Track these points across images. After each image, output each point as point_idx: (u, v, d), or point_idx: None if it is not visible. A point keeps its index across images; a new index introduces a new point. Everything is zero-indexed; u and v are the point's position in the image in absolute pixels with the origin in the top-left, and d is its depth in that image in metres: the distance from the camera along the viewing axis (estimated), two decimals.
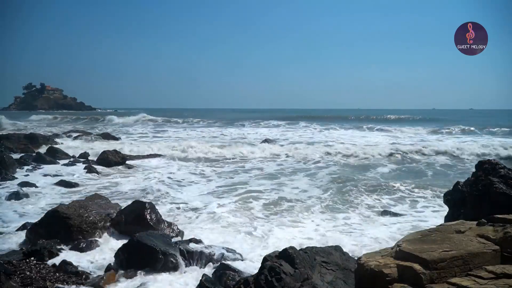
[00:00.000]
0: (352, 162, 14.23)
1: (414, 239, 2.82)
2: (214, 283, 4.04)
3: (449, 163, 14.06)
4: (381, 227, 6.57)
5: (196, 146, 16.84)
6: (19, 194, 8.19)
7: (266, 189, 9.44)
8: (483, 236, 2.73)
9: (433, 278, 2.35)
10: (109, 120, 44.59)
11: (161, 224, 5.93)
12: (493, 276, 2.30)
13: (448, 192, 5.69)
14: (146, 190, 9.13)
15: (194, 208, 7.72)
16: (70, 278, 4.35)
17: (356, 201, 8.29)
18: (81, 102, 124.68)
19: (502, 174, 5.02)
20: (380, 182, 10.38)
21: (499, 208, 4.16)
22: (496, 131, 28.48)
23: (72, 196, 8.42)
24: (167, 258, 4.72)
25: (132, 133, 28.52)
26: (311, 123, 37.95)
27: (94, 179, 10.86)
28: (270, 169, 12.81)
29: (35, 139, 17.98)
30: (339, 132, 28.91)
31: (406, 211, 7.64)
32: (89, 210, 5.85)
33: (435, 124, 36.55)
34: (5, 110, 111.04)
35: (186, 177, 11.17)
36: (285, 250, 3.70)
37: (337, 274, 3.76)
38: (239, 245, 5.49)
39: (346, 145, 18.24)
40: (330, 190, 9.23)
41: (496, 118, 51.85)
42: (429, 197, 8.61)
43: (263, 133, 28.49)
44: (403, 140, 21.93)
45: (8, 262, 4.59)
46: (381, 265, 2.55)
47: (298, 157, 15.12)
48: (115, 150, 13.91)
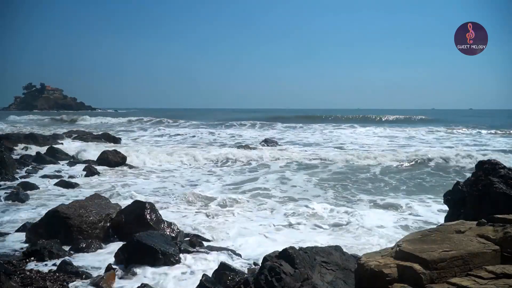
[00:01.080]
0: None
1: (414, 239, 2.82)
2: (214, 283, 4.03)
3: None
4: (381, 227, 6.57)
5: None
6: (19, 194, 8.19)
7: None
8: (483, 236, 2.73)
9: (433, 278, 2.35)
10: (83, 119, 44.30)
11: (161, 224, 5.93)
12: (493, 276, 2.30)
13: (448, 192, 5.69)
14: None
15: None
16: (70, 278, 4.35)
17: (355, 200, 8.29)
18: (81, 102, 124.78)
19: (502, 174, 5.02)
20: (379, 181, 10.38)
21: (499, 208, 4.15)
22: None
23: (72, 196, 8.41)
24: (167, 258, 4.72)
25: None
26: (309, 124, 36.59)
27: (94, 179, 10.86)
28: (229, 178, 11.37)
29: (35, 139, 17.99)
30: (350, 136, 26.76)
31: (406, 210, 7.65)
32: (89, 210, 5.84)
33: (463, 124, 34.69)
34: (5, 110, 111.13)
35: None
36: (285, 250, 3.70)
37: (337, 274, 3.76)
38: (239, 245, 5.49)
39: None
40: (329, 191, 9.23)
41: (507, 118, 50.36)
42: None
43: (243, 135, 27.22)
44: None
45: (8, 262, 4.60)
46: (381, 265, 2.55)
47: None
48: (115, 150, 13.92)
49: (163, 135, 27.21)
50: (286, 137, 25.79)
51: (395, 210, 7.67)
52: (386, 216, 7.25)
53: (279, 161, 14.02)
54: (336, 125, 34.68)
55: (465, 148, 16.75)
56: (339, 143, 21.64)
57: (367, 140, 22.88)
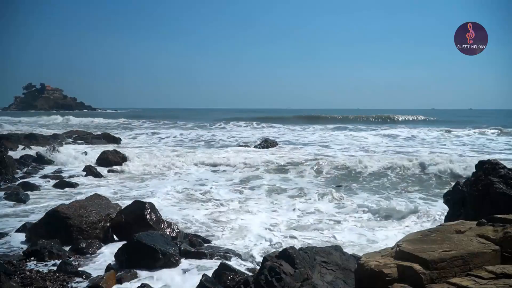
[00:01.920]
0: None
1: (414, 239, 2.82)
2: (214, 283, 4.03)
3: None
4: (381, 228, 6.58)
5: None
6: (19, 194, 8.19)
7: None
8: (483, 236, 2.73)
9: (433, 278, 2.35)
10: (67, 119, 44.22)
11: (161, 224, 5.93)
12: (493, 276, 2.30)
13: (448, 192, 5.69)
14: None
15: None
16: (70, 278, 4.35)
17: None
18: (81, 102, 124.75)
19: (502, 174, 5.02)
20: (378, 182, 10.39)
21: (499, 208, 4.15)
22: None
23: (72, 196, 8.41)
24: (167, 258, 4.72)
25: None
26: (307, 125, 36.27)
27: (94, 179, 10.85)
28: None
29: (35, 139, 17.99)
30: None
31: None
32: (89, 210, 5.84)
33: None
34: (5, 110, 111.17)
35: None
36: (285, 250, 3.70)
37: (337, 274, 3.76)
38: (239, 245, 5.49)
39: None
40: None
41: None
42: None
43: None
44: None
45: (8, 262, 4.60)
46: (381, 265, 2.55)
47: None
48: (115, 150, 13.94)
49: (161, 137, 27.06)
50: (286, 137, 25.78)
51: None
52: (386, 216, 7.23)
53: (276, 163, 13.93)
54: (337, 126, 34.51)
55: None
56: (339, 143, 21.60)
57: (366, 141, 22.76)
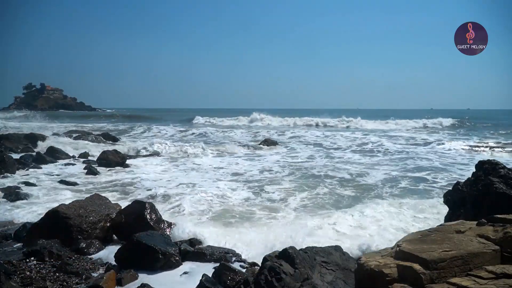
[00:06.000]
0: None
1: (414, 239, 2.82)
2: (214, 283, 4.03)
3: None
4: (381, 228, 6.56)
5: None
6: (19, 194, 8.19)
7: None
8: (483, 236, 2.73)
9: (433, 278, 2.35)
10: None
11: (161, 224, 5.93)
12: (493, 276, 2.30)
13: (448, 192, 5.69)
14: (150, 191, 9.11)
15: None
16: (70, 278, 4.35)
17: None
18: (81, 102, 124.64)
19: (502, 174, 5.02)
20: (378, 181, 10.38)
21: (499, 208, 4.15)
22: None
23: (72, 196, 8.41)
24: (167, 258, 4.72)
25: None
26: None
27: (94, 179, 10.85)
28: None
29: (35, 139, 17.98)
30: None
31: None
32: (89, 210, 5.84)
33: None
34: (5, 110, 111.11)
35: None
36: (285, 250, 3.70)
37: (337, 274, 3.76)
38: (239, 245, 5.48)
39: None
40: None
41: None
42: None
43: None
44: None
45: (8, 262, 4.59)
46: (381, 265, 2.55)
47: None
48: (115, 150, 13.93)
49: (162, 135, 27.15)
50: (286, 136, 25.78)
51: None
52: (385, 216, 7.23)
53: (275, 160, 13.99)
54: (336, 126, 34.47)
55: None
56: (337, 144, 21.56)
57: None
